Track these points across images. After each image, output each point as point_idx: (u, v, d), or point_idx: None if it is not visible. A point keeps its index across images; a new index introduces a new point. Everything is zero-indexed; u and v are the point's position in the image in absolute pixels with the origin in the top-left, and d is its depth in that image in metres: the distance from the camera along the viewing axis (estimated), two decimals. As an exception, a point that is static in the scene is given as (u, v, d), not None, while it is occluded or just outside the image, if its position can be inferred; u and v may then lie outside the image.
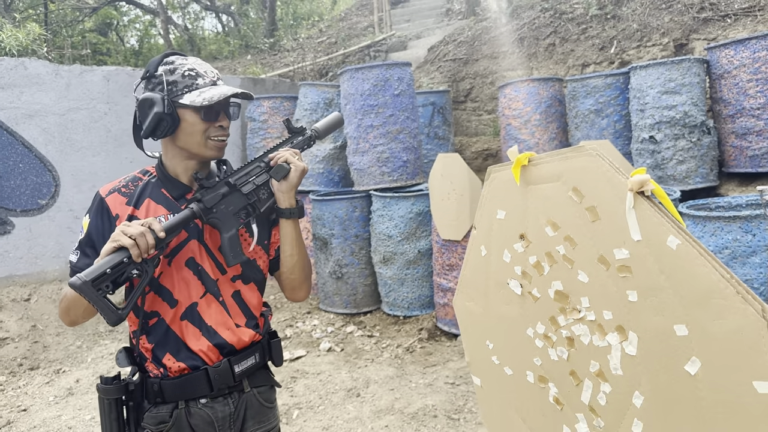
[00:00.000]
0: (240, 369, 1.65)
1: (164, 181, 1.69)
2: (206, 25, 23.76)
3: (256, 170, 1.69)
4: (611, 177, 1.06)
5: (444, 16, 12.92)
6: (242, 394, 1.69)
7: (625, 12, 7.83)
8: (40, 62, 6.26)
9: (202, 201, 1.60)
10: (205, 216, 1.60)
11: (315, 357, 5.03)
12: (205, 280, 1.64)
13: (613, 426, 1.14)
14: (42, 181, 6.20)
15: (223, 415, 1.64)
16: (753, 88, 5.27)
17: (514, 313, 1.29)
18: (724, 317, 0.94)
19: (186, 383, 1.60)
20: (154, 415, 1.61)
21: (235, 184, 1.65)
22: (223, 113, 1.63)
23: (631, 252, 1.05)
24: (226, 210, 1.62)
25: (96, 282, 1.41)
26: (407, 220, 5.54)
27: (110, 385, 1.58)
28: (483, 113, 8.69)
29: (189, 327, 1.62)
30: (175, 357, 1.60)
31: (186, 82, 1.59)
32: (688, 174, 5.45)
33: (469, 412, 3.89)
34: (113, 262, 1.43)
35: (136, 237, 1.43)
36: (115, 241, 1.44)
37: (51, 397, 4.56)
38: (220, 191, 1.63)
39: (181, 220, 1.55)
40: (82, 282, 1.40)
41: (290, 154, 1.68)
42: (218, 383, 1.61)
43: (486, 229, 1.32)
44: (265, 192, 1.69)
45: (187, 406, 1.61)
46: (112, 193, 1.67)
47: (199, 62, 1.65)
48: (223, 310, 1.65)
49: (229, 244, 1.60)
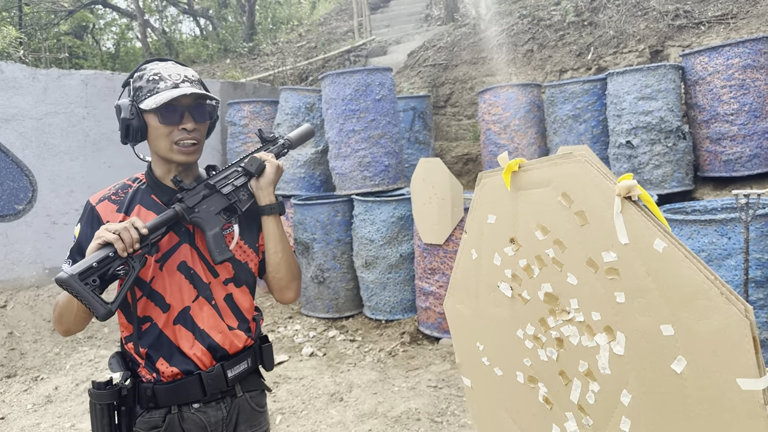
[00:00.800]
0: (233, 374, 1.66)
1: (153, 187, 1.70)
2: (184, 29, 23.60)
3: (234, 174, 1.72)
4: (599, 183, 1.09)
5: (423, 22, 13.00)
6: (235, 398, 1.69)
7: (602, 19, 7.96)
8: (17, 66, 6.19)
9: (183, 201, 1.61)
10: (188, 215, 1.61)
11: (297, 362, 5.03)
12: (198, 283, 1.65)
13: (602, 424, 1.17)
14: (19, 186, 6.11)
15: (215, 420, 1.65)
16: (727, 94, 5.40)
17: (505, 315, 1.32)
18: (708, 317, 0.98)
19: (179, 388, 1.60)
20: (146, 420, 1.61)
21: (214, 185, 1.68)
22: (188, 115, 1.60)
23: (618, 255, 1.08)
24: (208, 209, 1.64)
25: (83, 275, 1.41)
26: (389, 225, 5.57)
27: (103, 390, 1.58)
28: (463, 118, 8.77)
29: (182, 331, 1.62)
30: (168, 362, 1.60)
31: (149, 86, 1.60)
32: (664, 178, 5.56)
33: (452, 414, 3.92)
34: (99, 257, 1.44)
35: (119, 232, 1.45)
36: (99, 238, 1.46)
37: (29, 405, 4.50)
38: (201, 192, 1.65)
39: (164, 220, 1.57)
40: (68, 276, 1.40)
41: (264, 153, 1.73)
42: (211, 388, 1.62)
43: (477, 233, 1.35)
44: (245, 193, 1.72)
45: (180, 410, 1.62)
46: (102, 201, 1.67)
47: (168, 66, 1.64)
48: (215, 314, 1.66)
49: (214, 241, 1.61)
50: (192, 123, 1.60)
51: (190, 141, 1.61)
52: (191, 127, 1.60)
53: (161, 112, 1.58)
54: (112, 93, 6.78)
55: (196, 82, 1.65)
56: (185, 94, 1.57)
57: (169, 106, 1.58)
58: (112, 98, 6.78)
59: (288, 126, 6.54)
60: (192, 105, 1.61)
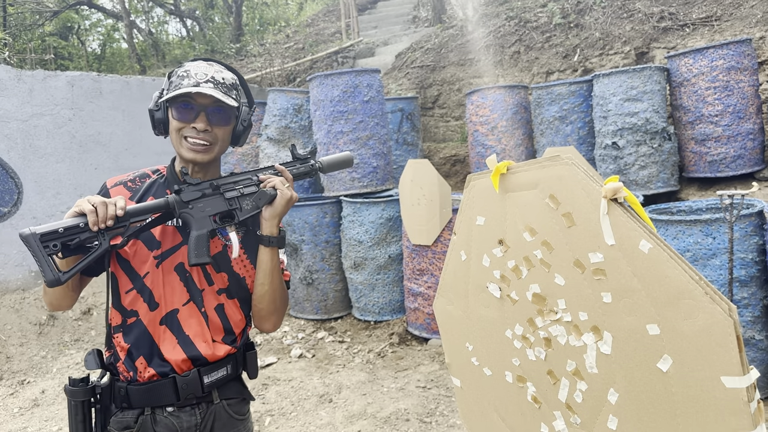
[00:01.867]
0: (210, 380, 1.63)
1: (171, 181, 1.69)
2: (170, 30, 23.49)
3: (245, 181, 1.67)
4: (586, 185, 1.11)
5: (411, 23, 13.03)
6: (211, 405, 1.66)
7: (588, 21, 8.03)
8: (2, 67, 6.13)
9: (179, 194, 1.58)
10: (179, 209, 1.56)
11: (286, 363, 5.02)
12: (191, 288, 1.64)
13: (590, 422, 1.19)
14: (4, 188, 6.06)
15: (188, 425, 1.62)
16: (711, 96, 5.46)
17: (493, 315, 1.33)
18: (693, 317, 1.00)
19: (153, 390, 1.59)
20: (119, 420, 1.59)
21: (219, 186, 1.63)
22: (203, 115, 1.59)
23: (605, 256, 1.10)
24: (202, 209, 1.59)
25: (45, 237, 1.37)
26: (377, 226, 5.58)
27: (77, 387, 1.56)
28: (450, 119, 8.80)
29: (167, 333, 1.61)
30: (148, 362, 1.59)
31: (176, 82, 1.61)
32: (649, 179, 5.61)
33: (440, 415, 3.93)
34: (68, 224, 1.41)
35: (97, 205, 1.42)
36: (77, 206, 1.43)
37: (16, 409, 4.46)
38: (203, 190, 1.61)
39: (149, 206, 1.53)
40: (30, 233, 1.36)
41: (280, 181, 1.65)
42: (185, 392, 1.60)
43: (466, 234, 1.36)
44: (249, 203, 1.64)
45: (153, 413, 1.60)
46: (117, 185, 1.67)
47: (200, 65, 1.64)
48: (203, 322, 1.64)
49: (195, 242, 1.55)
50: (204, 124, 1.59)
51: (199, 141, 1.60)
52: (201, 128, 1.59)
53: (177, 107, 1.60)
54: (99, 94, 6.74)
55: (223, 85, 1.62)
56: (203, 94, 1.57)
57: (186, 103, 1.59)
58: (99, 99, 6.75)
59: (276, 127, 6.53)
60: (210, 107, 1.60)
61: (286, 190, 1.64)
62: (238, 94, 1.70)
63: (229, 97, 1.61)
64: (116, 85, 6.93)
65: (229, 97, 1.61)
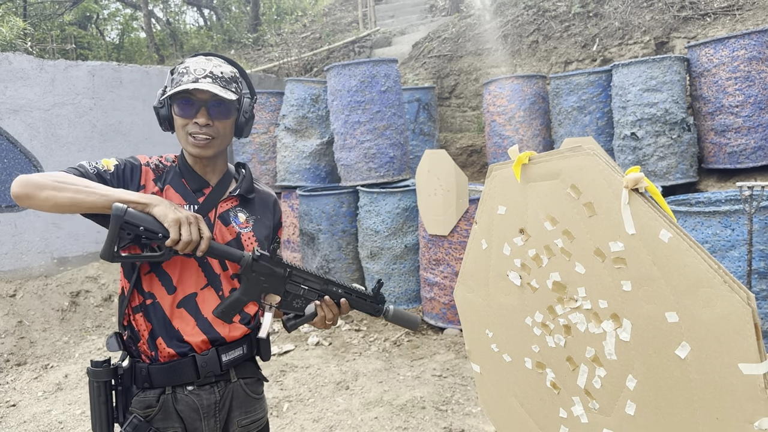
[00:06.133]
0: (227, 359, 1.69)
1: (184, 172, 1.73)
2: (188, 20, 23.58)
3: (314, 284, 1.71)
4: (607, 175, 1.13)
5: (428, 13, 12.98)
6: (228, 383, 1.72)
7: (607, 10, 7.96)
8: (25, 57, 6.22)
9: (257, 261, 1.63)
10: (243, 270, 1.62)
11: (303, 351, 5.08)
12: (209, 272, 1.69)
13: (608, 408, 1.21)
14: (27, 176, 6.16)
15: (208, 403, 1.68)
16: (732, 86, 5.41)
17: (514, 303, 1.36)
18: (712, 305, 1.02)
19: (173, 369, 1.64)
20: (141, 399, 1.64)
21: (289, 276, 1.68)
22: (203, 110, 1.62)
23: (625, 245, 1.12)
24: (261, 284, 1.65)
25: (126, 224, 1.46)
26: (394, 216, 5.61)
27: (100, 368, 1.62)
28: (467, 110, 8.78)
29: (184, 315, 1.66)
30: (167, 342, 1.64)
31: (177, 78, 1.64)
32: (668, 170, 5.58)
33: (456, 403, 3.97)
34: (153, 228, 1.48)
35: (183, 237, 1.48)
36: (172, 220, 1.48)
37: (40, 393, 4.56)
38: (275, 269, 1.65)
39: (226, 254, 1.60)
40: (120, 213, 1.45)
41: (333, 316, 1.72)
42: (205, 371, 1.65)
43: (487, 223, 1.38)
44: (299, 303, 1.70)
45: (174, 392, 1.65)
46: (147, 165, 1.71)
47: (200, 61, 1.67)
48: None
49: (232, 303, 1.63)
50: (205, 118, 1.62)
51: (202, 136, 1.63)
52: (203, 122, 1.62)
53: (178, 104, 1.63)
54: (119, 84, 6.82)
55: (222, 79, 1.65)
56: (203, 90, 1.60)
57: (187, 99, 1.62)
58: (119, 89, 6.82)
59: (293, 117, 6.56)
60: (210, 101, 1.63)
61: (324, 323, 1.72)
62: (239, 87, 1.72)
63: (228, 91, 1.64)
64: (136, 74, 7.00)
65: (228, 91, 1.64)
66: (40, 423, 4.06)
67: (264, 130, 7.12)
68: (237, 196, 1.77)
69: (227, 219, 1.73)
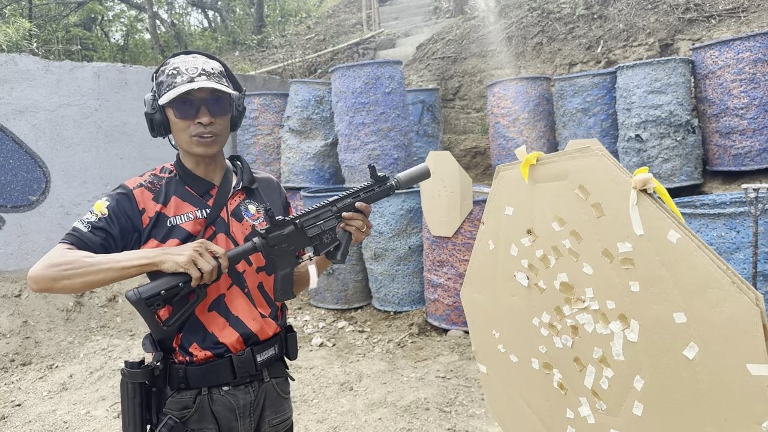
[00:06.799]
0: (262, 358, 1.71)
1: (186, 178, 1.72)
2: (192, 21, 23.61)
3: (325, 214, 1.71)
4: (616, 176, 1.13)
5: (432, 14, 12.99)
6: (262, 383, 1.74)
7: (612, 12, 7.95)
8: (31, 58, 6.24)
9: (266, 238, 1.64)
10: (266, 252, 1.64)
11: (307, 352, 5.09)
12: (232, 271, 1.68)
13: (615, 408, 1.21)
14: (32, 177, 6.19)
15: (244, 403, 1.69)
16: (737, 88, 5.40)
17: (521, 303, 1.36)
18: (720, 306, 1.02)
19: (210, 370, 1.65)
20: (177, 401, 1.64)
21: (302, 225, 1.68)
22: (204, 109, 1.60)
23: (633, 245, 1.13)
24: (287, 249, 1.67)
25: (149, 300, 1.50)
26: (398, 217, 5.61)
27: (136, 369, 1.61)
28: (471, 111, 8.78)
29: (216, 317, 1.66)
30: (201, 346, 1.64)
31: (168, 81, 1.62)
32: (673, 172, 5.58)
33: (460, 405, 3.97)
34: (168, 285, 1.51)
35: (204, 270, 1.50)
36: (182, 267, 1.49)
37: (45, 392, 4.57)
38: (285, 231, 1.66)
39: (242, 252, 1.61)
40: (137, 299, 1.49)
41: (361, 223, 1.70)
42: (241, 371, 1.66)
43: (494, 224, 1.39)
44: (329, 236, 1.70)
45: (210, 392, 1.66)
46: (139, 187, 1.69)
47: (188, 60, 1.65)
48: (248, 301, 1.71)
49: (282, 282, 1.67)
50: (208, 117, 1.61)
51: (206, 134, 1.62)
52: (207, 121, 1.61)
53: (177, 107, 1.61)
54: (124, 85, 6.84)
55: (215, 75, 1.63)
56: (201, 88, 1.58)
57: (185, 100, 1.60)
58: (124, 90, 6.84)
59: (298, 118, 6.57)
60: (209, 99, 1.62)
61: (361, 234, 1.72)
62: (228, 81, 1.72)
63: (224, 85, 1.63)
64: (141, 76, 7.02)
65: (224, 85, 1.63)
66: (45, 423, 4.07)
67: (268, 131, 7.13)
68: (242, 189, 1.77)
69: (240, 215, 1.74)
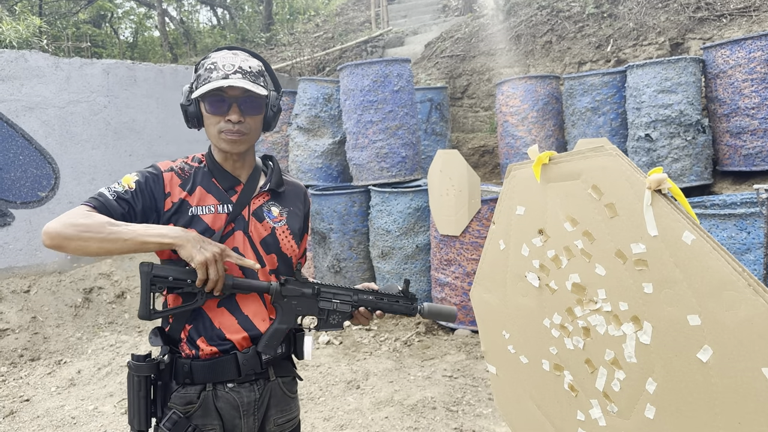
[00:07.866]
0: (267, 357, 1.70)
1: (214, 170, 1.73)
2: (201, 18, 23.69)
3: (343, 297, 1.73)
4: (630, 176, 1.12)
5: (441, 13, 12.96)
6: (267, 382, 1.73)
7: (622, 11, 7.91)
8: (41, 55, 6.27)
9: (285, 286, 1.66)
10: (274, 298, 1.66)
11: (314, 350, 5.09)
12: (247, 270, 1.68)
13: (627, 411, 1.20)
14: (42, 173, 6.21)
15: (248, 401, 1.69)
16: (748, 88, 5.36)
17: (532, 304, 1.35)
18: (735, 308, 1.01)
19: (215, 366, 1.65)
20: (182, 396, 1.65)
21: (318, 293, 1.70)
22: (235, 107, 1.61)
23: (647, 246, 1.11)
24: (294, 307, 1.68)
25: (155, 278, 1.52)
26: (406, 216, 5.60)
27: (143, 363, 1.62)
28: (480, 110, 8.76)
29: (225, 314, 1.66)
30: (208, 341, 1.65)
31: (205, 75, 1.63)
32: (682, 172, 5.54)
33: (467, 404, 3.96)
34: (179, 276, 1.54)
35: (211, 276, 1.52)
36: (195, 262, 1.50)
37: (53, 388, 4.60)
38: (303, 290, 1.68)
39: (253, 287, 1.63)
40: (149, 270, 1.52)
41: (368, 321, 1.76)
42: (246, 368, 1.66)
43: (505, 224, 1.38)
44: (336, 318, 1.72)
45: (214, 388, 1.65)
46: (169, 171, 1.70)
47: (227, 56, 1.66)
48: (260, 301, 1.70)
49: (272, 334, 1.66)
50: (237, 115, 1.61)
51: (234, 131, 1.63)
52: (236, 119, 1.61)
53: (209, 101, 1.62)
54: (133, 82, 6.85)
55: (251, 74, 1.63)
56: (234, 87, 1.59)
57: (218, 96, 1.61)
58: (133, 87, 6.86)
59: (306, 116, 6.57)
60: (241, 97, 1.62)
61: (359, 323, 1.78)
62: (266, 81, 1.72)
63: (258, 86, 1.63)
64: (150, 73, 7.03)
65: (258, 86, 1.63)
66: (53, 418, 4.09)
67: (276, 129, 7.13)
68: (268, 191, 1.77)
69: (261, 215, 1.73)
